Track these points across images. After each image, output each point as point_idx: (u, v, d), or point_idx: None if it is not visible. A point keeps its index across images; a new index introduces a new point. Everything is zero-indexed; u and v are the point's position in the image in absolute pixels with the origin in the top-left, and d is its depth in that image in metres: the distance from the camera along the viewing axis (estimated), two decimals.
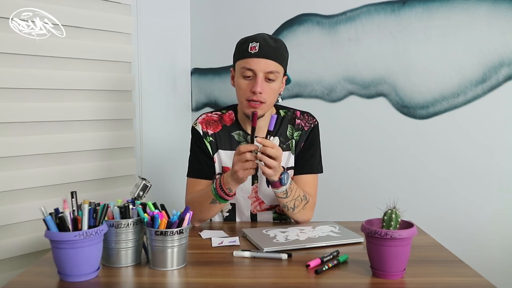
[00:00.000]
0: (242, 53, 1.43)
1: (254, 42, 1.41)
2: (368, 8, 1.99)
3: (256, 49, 1.40)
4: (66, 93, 1.83)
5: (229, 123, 1.56)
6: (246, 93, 1.42)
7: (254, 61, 1.40)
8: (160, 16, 2.22)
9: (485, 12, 1.82)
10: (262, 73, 1.41)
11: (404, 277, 1.05)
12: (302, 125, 1.55)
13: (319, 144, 1.57)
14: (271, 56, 1.41)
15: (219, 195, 1.38)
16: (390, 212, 1.06)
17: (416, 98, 1.96)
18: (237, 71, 1.46)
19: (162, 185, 2.14)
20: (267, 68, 1.41)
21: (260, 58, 1.40)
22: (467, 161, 1.90)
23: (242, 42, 1.46)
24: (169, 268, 1.10)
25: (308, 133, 1.54)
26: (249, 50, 1.40)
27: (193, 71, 2.40)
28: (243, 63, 1.42)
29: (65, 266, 1.03)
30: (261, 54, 1.40)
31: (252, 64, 1.40)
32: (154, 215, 1.10)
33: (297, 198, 1.42)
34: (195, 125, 1.56)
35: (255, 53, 1.40)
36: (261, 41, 1.41)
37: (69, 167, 1.84)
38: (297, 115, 1.57)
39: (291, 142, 1.54)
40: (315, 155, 1.54)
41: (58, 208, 1.06)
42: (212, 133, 1.54)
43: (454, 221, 1.92)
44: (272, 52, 1.42)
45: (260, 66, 1.40)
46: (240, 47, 1.45)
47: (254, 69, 1.40)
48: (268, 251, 1.20)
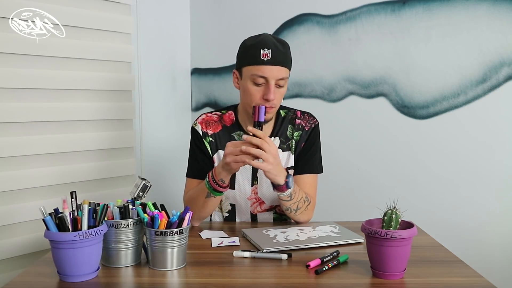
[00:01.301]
0: (252, 58, 1.40)
1: (266, 49, 1.38)
2: (368, 8, 1.99)
3: (268, 56, 1.37)
4: (66, 93, 1.83)
5: (229, 124, 1.55)
6: (257, 99, 1.42)
7: (267, 68, 1.38)
8: (160, 16, 2.22)
9: (485, 12, 1.82)
10: (274, 80, 1.40)
11: (404, 277, 1.05)
12: (303, 125, 1.55)
13: (319, 144, 1.57)
14: (283, 62, 1.40)
15: (212, 187, 1.38)
16: (390, 212, 1.05)
17: (416, 98, 1.95)
18: (246, 76, 1.43)
19: (162, 185, 2.14)
20: (280, 75, 1.40)
21: (273, 65, 1.38)
22: (467, 161, 1.90)
23: (250, 46, 1.41)
24: (169, 268, 1.10)
25: (308, 133, 1.54)
26: (262, 57, 1.37)
27: (193, 71, 2.40)
28: (255, 70, 1.39)
29: (64, 266, 1.03)
30: (274, 61, 1.38)
31: (266, 72, 1.38)
32: (154, 215, 1.10)
33: (300, 200, 1.42)
34: (195, 125, 1.56)
35: (267, 61, 1.37)
36: (272, 47, 1.38)
37: (69, 167, 1.84)
38: (297, 115, 1.57)
39: (291, 142, 1.54)
40: (315, 155, 1.54)
41: (57, 208, 1.06)
42: (212, 134, 1.54)
43: (454, 221, 1.92)
44: (283, 58, 1.40)
45: (273, 73, 1.39)
46: (249, 51, 1.41)
47: (267, 76, 1.39)
48: (268, 251, 1.20)
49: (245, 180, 1.51)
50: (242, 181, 1.51)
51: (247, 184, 1.51)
